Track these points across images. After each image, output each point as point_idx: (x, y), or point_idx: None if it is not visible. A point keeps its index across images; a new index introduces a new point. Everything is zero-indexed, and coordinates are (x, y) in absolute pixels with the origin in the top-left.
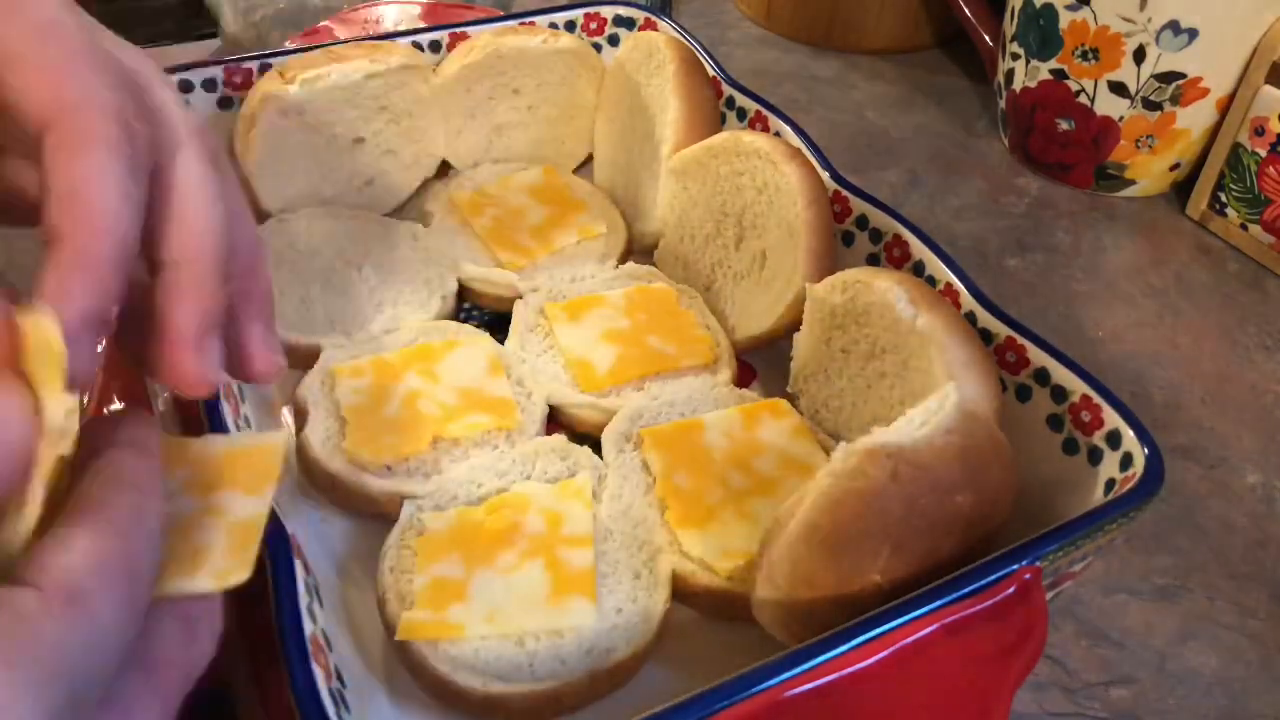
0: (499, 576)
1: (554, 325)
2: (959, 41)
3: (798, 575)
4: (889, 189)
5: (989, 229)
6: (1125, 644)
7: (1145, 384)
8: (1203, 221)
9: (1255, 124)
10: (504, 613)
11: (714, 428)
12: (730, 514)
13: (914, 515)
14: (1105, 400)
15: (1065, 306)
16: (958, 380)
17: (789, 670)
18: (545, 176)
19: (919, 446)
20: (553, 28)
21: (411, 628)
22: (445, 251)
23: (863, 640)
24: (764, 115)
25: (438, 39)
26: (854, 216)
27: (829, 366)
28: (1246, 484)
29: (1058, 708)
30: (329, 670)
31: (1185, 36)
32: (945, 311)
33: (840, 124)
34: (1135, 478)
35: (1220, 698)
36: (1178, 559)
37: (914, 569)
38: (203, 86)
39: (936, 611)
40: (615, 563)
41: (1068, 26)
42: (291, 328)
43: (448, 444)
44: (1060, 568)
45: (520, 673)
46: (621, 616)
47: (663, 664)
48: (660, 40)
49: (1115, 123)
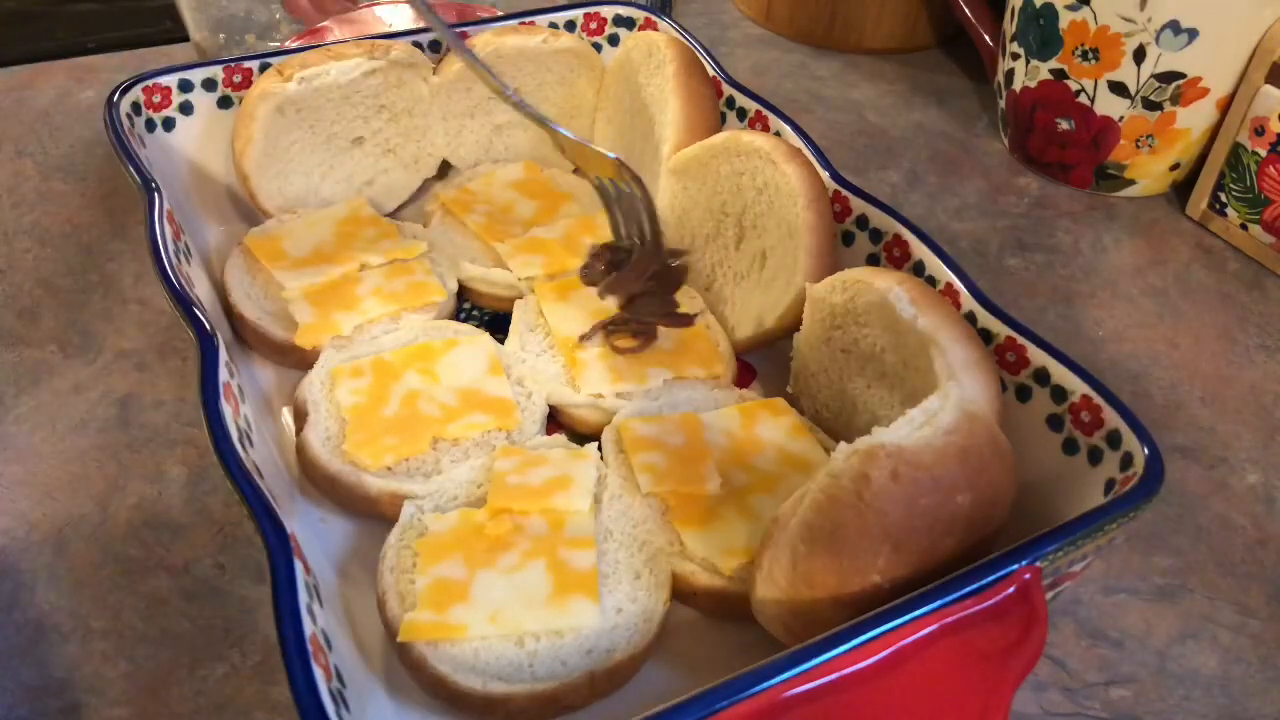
0: (501, 577)
1: (542, 304)
2: (959, 41)
3: (798, 575)
4: (889, 189)
5: (989, 229)
6: (1125, 644)
7: (1145, 384)
8: (1203, 221)
9: (1255, 124)
10: (507, 613)
11: (713, 427)
12: (732, 511)
13: (914, 515)
14: (1105, 400)
15: (1065, 306)
16: (958, 380)
17: (789, 670)
18: (526, 171)
19: (919, 446)
20: (553, 28)
21: (414, 628)
22: (444, 251)
23: (863, 640)
24: (764, 115)
25: (438, 39)
26: (854, 216)
27: (829, 366)
28: (1246, 484)
29: (1058, 708)
30: (329, 670)
31: (1185, 36)
32: (945, 311)
33: (840, 124)
34: (1135, 478)
35: (1220, 698)
36: (1178, 559)
37: (914, 569)
38: (203, 86)
39: (936, 611)
40: (615, 563)
41: (1068, 26)
42: (290, 327)
43: (448, 444)
44: (1060, 568)
45: (520, 673)
46: (622, 617)
47: (663, 664)
48: (660, 40)
49: (1115, 123)
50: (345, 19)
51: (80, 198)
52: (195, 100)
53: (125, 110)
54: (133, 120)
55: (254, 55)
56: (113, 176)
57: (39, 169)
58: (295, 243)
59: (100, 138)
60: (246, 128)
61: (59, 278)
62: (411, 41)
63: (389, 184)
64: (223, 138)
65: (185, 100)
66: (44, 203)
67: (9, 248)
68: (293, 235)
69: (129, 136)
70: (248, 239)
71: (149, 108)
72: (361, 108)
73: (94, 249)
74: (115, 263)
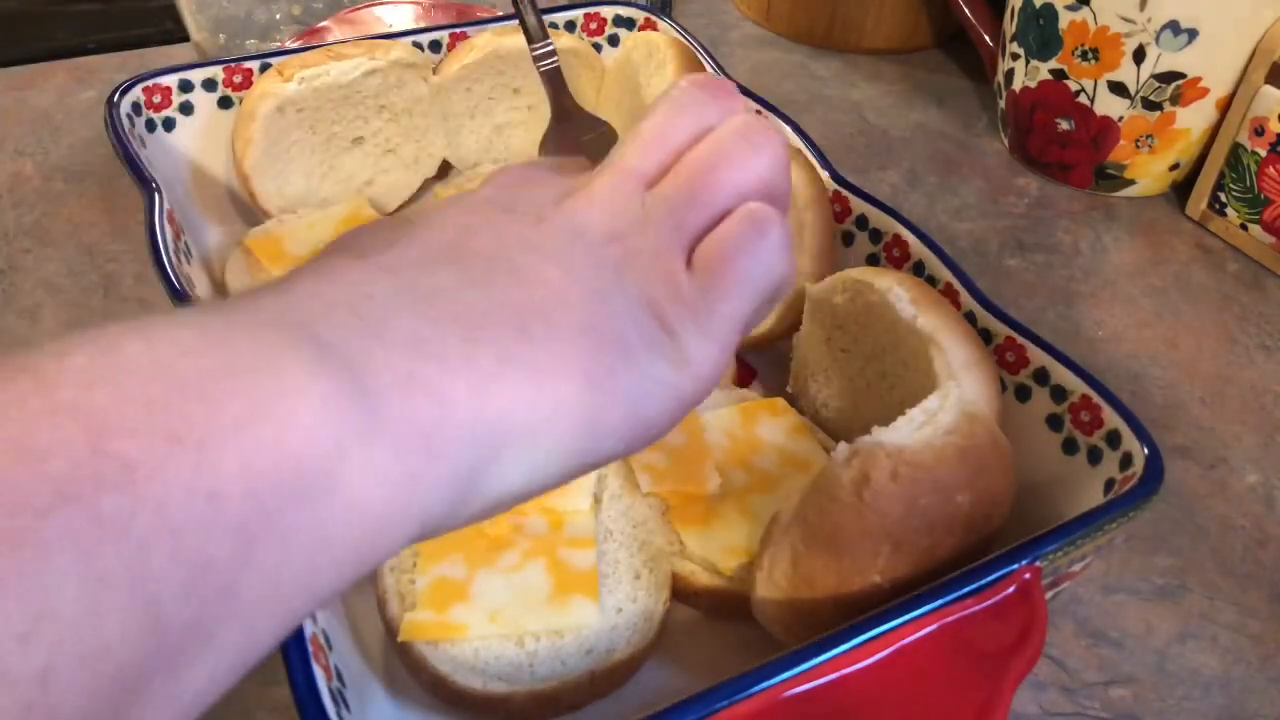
0: (501, 577)
1: None
2: (959, 41)
3: (798, 575)
4: (889, 189)
5: (989, 229)
6: (1125, 644)
7: (1145, 384)
8: (1202, 221)
9: (1255, 124)
10: (507, 613)
11: (713, 427)
12: (732, 511)
13: (914, 515)
14: (1105, 400)
15: (1065, 306)
16: (958, 380)
17: (789, 670)
18: None
19: (919, 446)
20: (553, 28)
21: (414, 628)
22: None
23: (863, 640)
24: (764, 115)
25: (438, 39)
26: (854, 216)
27: (829, 366)
28: (1246, 484)
29: (1057, 708)
30: (329, 670)
31: (1185, 36)
32: (945, 311)
33: (840, 124)
34: (1135, 478)
35: (1220, 698)
36: (1177, 559)
37: (914, 569)
38: (203, 86)
39: (936, 611)
40: (615, 563)
41: (1067, 26)
42: None
43: None
44: (1060, 568)
45: (520, 673)
46: (622, 616)
47: (663, 664)
48: (660, 40)
49: (1115, 123)
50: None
51: (80, 198)
52: (195, 100)
53: (125, 110)
54: (133, 120)
55: (254, 55)
56: (113, 176)
57: (39, 169)
58: (295, 243)
59: (100, 138)
60: (246, 128)
61: (59, 278)
62: (411, 41)
63: (389, 184)
64: (223, 138)
65: (185, 100)
66: (44, 203)
67: (9, 248)
68: (293, 235)
69: (129, 137)
70: (248, 239)
71: (149, 108)
72: (361, 108)
73: (94, 249)
74: (115, 263)
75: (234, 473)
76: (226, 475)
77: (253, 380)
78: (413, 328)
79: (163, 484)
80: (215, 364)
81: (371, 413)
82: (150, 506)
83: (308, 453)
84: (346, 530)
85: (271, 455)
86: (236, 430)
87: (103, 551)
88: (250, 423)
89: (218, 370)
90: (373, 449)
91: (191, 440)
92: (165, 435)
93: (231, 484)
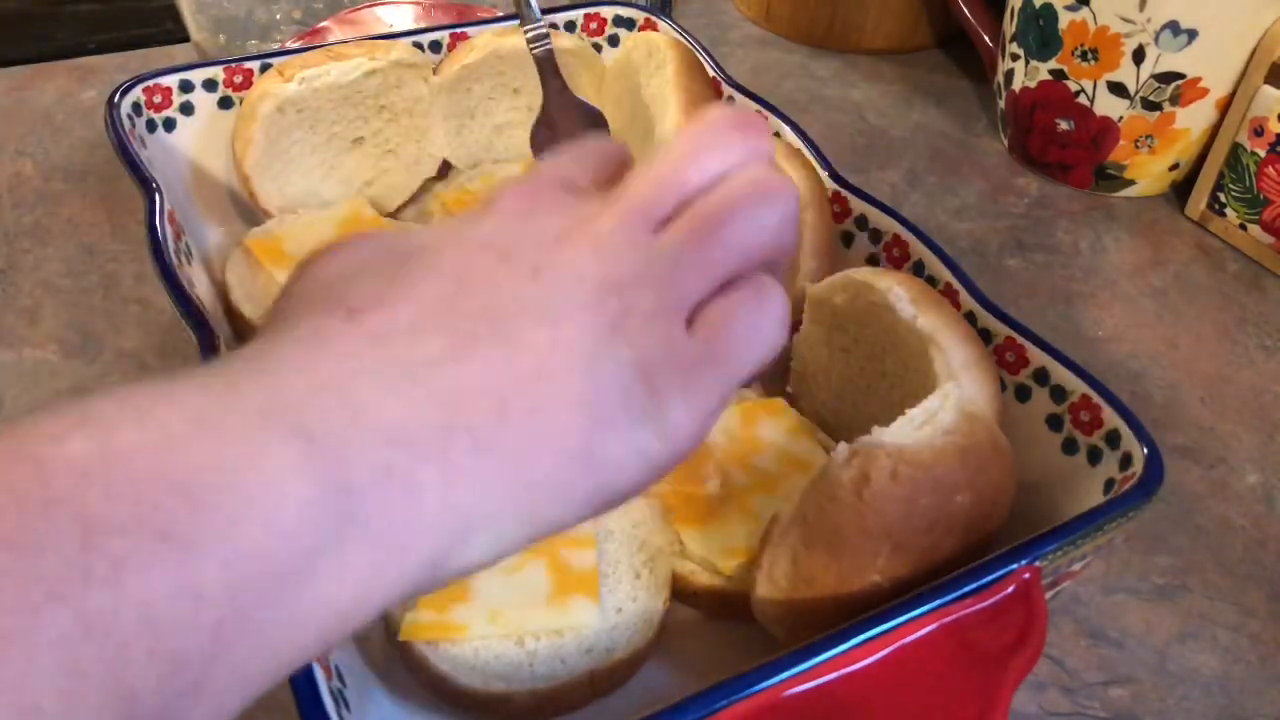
0: (501, 576)
1: None
2: (959, 41)
3: (798, 575)
4: (889, 189)
5: (989, 229)
6: (1125, 644)
7: (1145, 384)
8: (1202, 222)
9: (1254, 124)
10: (507, 613)
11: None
12: (732, 511)
13: (914, 515)
14: (1105, 400)
15: (1065, 306)
16: (958, 380)
17: (789, 670)
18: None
19: (919, 446)
20: (553, 28)
21: (414, 628)
22: None
23: (863, 640)
24: (764, 115)
25: (438, 39)
26: (854, 216)
27: (829, 366)
28: (1246, 484)
29: (1057, 708)
30: (329, 670)
31: (1185, 37)
32: (945, 311)
33: (840, 124)
34: (1135, 477)
35: (1220, 697)
36: (1177, 559)
37: (914, 568)
38: (203, 86)
39: (936, 611)
40: (615, 562)
41: (1067, 27)
42: None
43: None
44: (1060, 567)
45: (520, 672)
46: (622, 616)
47: (663, 664)
48: (660, 40)
49: (1115, 123)
50: (345, 19)
51: (80, 198)
52: (196, 101)
53: (126, 111)
54: (133, 121)
55: (255, 56)
56: (113, 177)
57: (39, 169)
58: (295, 243)
59: (101, 138)
60: (247, 128)
61: (59, 278)
62: (411, 42)
63: (389, 184)
64: (223, 138)
65: (186, 101)
66: (44, 203)
67: (9, 248)
68: (293, 235)
69: (130, 137)
70: (248, 239)
71: (150, 108)
72: (362, 108)
73: (94, 249)
74: (115, 263)
75: (216, 573)
76: (209, 576)
77: (240, 479)
78: (395, 416)
79: (148, 583)
80: (205, 459)
81: (347, 515)
82: (134, 604)
83: (285, 555)
84: (313, 620)
85: (253, 557)
86: (221, 531)
87: (87, 650)
88: (234, 524)
89: (207, 467)
90: (346, 550)
91: (178, 540)
92: (153, 533)
93: (213, 584)
